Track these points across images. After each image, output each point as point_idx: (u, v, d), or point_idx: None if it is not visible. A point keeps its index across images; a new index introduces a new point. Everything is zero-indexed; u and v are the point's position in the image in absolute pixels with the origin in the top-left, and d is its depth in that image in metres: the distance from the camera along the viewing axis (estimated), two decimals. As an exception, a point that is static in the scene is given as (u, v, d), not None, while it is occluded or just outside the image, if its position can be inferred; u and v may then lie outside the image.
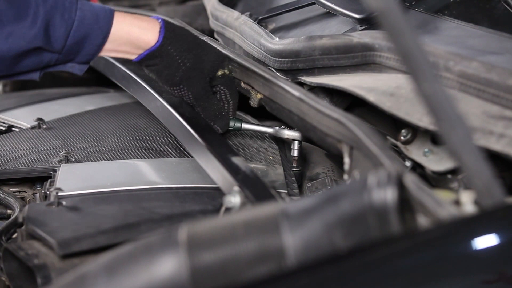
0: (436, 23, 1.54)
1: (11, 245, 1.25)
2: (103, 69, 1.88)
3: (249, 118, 1.71)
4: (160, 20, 1.47)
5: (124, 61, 1.50)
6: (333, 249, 0.98)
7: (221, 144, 1.44)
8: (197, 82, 1.49)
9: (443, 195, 1.05)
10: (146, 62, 1.47)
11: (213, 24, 1.92)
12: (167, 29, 1.46)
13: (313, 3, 1.75)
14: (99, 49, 1.42)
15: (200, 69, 1.49)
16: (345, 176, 1.27)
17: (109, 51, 1.44)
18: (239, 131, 1.59)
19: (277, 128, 1.56)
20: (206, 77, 1.50)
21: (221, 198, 1.29)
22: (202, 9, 2.08)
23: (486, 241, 0.99)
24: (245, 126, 1.57)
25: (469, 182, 1.01)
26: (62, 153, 1.56)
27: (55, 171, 1.49)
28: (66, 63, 1.43)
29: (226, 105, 1.55)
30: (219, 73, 1.52)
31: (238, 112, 1.64)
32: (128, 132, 1.69)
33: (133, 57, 1.46)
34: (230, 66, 1.54)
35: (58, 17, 1.36)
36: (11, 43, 1.33)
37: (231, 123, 1.56)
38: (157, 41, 1.45)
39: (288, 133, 1.54)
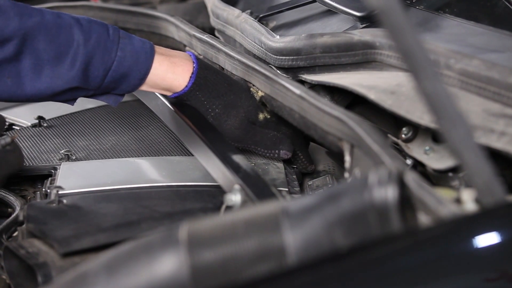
0: (437, 21, 1.54)
1: (12, 244, 1.25)
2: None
3: None
4: (194, 64, 1.46)
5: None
6: (333, 247, 0.98)
7: (222, 142, 1.44)
8: (232, 123, 1.47)
9: (444, 193, 1.05)
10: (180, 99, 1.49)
11: (213, 22, 1.92)
12: (199, 75, 1.45)
13: (314, 1, 1.75)
14: (135, 88, 1.43)
15: (234, 113, 1.47)
16: (346, 174, 1.27)
17: (144, 88, 1.45)
18: None
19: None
20: (245, 119, 1.47)
21: (222, 196, 1.29)
22: (203, 7, 2.07)
23: (487, 239, 0.99)
24: None
25: (470, 180, 1.01)
26: (62, 151, 1.55)
27: (55, 169, 1.49)
28: (102, 95, 1.44)
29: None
30: (261, 116, 1.50)
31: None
32: (128, 130, 1.68)
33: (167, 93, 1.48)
34: (267, 110, 1.50)
35: (98, 58, 1.36)
36: (49, 83, 1.35)
37: None
38: (186, 86, 1.45)
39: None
